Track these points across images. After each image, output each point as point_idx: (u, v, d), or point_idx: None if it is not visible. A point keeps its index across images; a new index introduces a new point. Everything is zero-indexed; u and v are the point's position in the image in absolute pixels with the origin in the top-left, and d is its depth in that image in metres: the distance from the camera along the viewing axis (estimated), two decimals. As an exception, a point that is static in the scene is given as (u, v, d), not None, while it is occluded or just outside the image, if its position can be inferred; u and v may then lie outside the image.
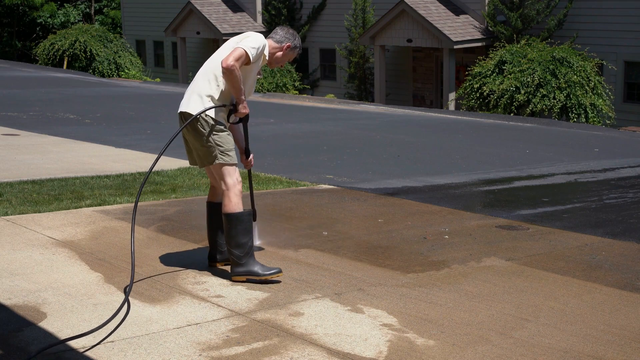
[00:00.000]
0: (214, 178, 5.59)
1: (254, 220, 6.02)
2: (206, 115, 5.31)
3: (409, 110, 20.71)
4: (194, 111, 5.32)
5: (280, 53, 5.56)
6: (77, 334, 4.40)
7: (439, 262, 6.01)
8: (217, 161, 5.37)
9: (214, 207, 5.65)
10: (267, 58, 5.53)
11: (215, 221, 5.66)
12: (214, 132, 5.33)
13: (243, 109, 5.41)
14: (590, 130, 16.98)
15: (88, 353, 4.17)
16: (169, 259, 5.90)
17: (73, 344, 4.27)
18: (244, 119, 5.61)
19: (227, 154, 5.37)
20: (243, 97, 5.36)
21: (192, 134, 5.38)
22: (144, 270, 5.61)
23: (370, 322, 4.71)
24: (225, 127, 5.43)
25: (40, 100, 18.49)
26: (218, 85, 5.34)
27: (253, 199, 6.07)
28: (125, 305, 4.79)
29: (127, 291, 4.99)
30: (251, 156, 5.88)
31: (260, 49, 5.34)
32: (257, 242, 6.15)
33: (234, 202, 5.35)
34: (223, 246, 5.68)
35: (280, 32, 5.59)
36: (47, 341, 4.30)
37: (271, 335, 4.47)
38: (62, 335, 4.40)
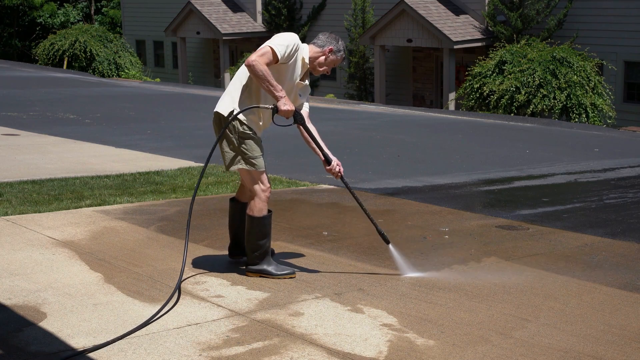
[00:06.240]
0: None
1: (387, 243, 5.62)
2: (235, 117, 5.23)
3: (409, 110, 20.70)
4: (223, 111, 5.27)
5: (322, 57, 5.41)
6: (77, 334, 4.40)
7: (439, 262, 6.01)
8: (240, 166, 5.30)
9: (239, 206, 5.64)
10: (307, 63, 5.37)
11: (238, 219, 5.64)
12: (240, 138, 5.27)
13: (283, 106, 5.13)
14: (590, 130, 16.97)
15: (88, 353, 4.17)
16: (169, 259, 5.90)
17: (73, 343, 4.27)
18: (298, 120, 5.33)
19: (251, 161, 5.30)
20: (281, 94, 5.12)
21: (219, 134, 5.35)
22: (144, 270, 5.61)
23: (370, 322, 4.71)
24: (255, 133, 5.30)
25: (40, 100, 18.48)
26: (248, 86, 5.28)
27: (372, 219, 5.58)
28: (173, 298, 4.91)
29: (177, 282, 5.06)
30: (334, 162, 5.47)
31: (291, 47, 5.17)
32: (407, 273, 5.60)
33: (258, 208, 5.36)
34: (243, 242, 5.68)
35: (322, 37, 5.46)
36: (48, 341, 4.30)
37: (271, 335, 4.47)
38: (62, 335, 4.39)
